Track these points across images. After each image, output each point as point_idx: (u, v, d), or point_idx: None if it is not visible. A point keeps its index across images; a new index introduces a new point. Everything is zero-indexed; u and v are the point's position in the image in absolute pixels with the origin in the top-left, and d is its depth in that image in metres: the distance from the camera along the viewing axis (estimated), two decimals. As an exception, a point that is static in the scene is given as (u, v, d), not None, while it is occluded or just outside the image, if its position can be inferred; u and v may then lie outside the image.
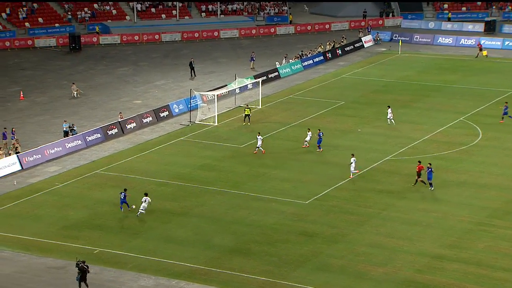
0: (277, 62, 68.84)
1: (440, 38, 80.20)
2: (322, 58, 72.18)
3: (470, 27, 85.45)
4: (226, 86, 58.02)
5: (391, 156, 45.92)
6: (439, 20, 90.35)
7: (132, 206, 38.06)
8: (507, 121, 52.46)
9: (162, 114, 54.24)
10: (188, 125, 52.94)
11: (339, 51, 74.78)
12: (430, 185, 40.16)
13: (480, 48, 73.74)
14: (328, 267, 32.63)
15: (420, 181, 40.94)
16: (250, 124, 51.54)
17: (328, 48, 74.92)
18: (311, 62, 70.71)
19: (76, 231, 36.09)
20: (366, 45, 78.89)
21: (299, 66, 69.21)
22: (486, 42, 78.39)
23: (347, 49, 76.10)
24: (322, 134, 46.59)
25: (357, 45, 77.79)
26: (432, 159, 45.20)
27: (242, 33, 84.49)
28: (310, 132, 47.08)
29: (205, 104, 55.83)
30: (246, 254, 33.83)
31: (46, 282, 31.46)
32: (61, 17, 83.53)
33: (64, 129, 49.32)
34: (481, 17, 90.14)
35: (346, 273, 32.16)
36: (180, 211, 38.31)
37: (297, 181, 42.29)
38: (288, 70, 67.72)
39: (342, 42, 77.21)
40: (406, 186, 41.29)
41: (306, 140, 47.01)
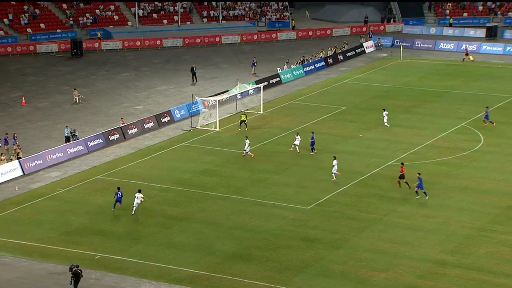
0: (278, 68, 68.91)
1: (441, 44, 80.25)
2: (323, 63, 72.25)
3: (471, 33, 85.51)
4: (228, 91, 58.10)
5: (393, 161, 45.93)
6: (441, 25, 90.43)
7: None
8: (507, 126, 52.51)
9: (163, 120, 54.31)
10: (189, 130, 52.99)
11: (341, 57, 74.86)
12: (425, 194, 39.99)
13: (466, 53, 73.96)
14: (329, 273, 32.61)
15: (404, 182, 41.19)
16: (247, 129, 51.58)
17: (329, 53, 74.99)
18: (313, 67, 70.79)
19: (77, 237, 36.10)
20: (367, 50, 78.97)
21: (301, 71, 69.28)
22: (488, 48, 78.48)
23: (349, 54, 76.17)
24: (314, 136, 46.96)
25: (358, 50, 77.86)
26: (433, 165, 45.28)
27: (244, 38, 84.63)
28: (298, 136, 47.41)
29: (206, 109, 55.89)
30: (247, 259, 33.82)
31: (48, 288, 31.49)
32: (63, 22, 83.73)
33: (65, 134, 49.38)
34: (482, 22, 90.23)
35: (348, 278, 32.14)
36: (181, 217, 38.32)
37: (298, 186, 42.30)
38: (289, 75, 67.80)
39: (344, 47, 77.29)
40: (408, 191, 41.28)
41: (295, 143, 47.24)
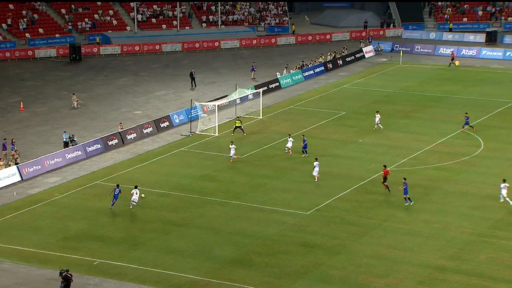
0: (278, 73, 69.00)
1: (441, 49, 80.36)
2: (323, 68, 72.34)
3: (471, 38, 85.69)
4: (227, 96, 58.14)
5: (392, 166, 45.92)
6: (440, 30, 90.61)
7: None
8: (507, 131, 52.58)
9: (162, 125, 54.33)
10: (188, 135, 53.01)
11: (340, 62, 74.96)
12: (409, 200, 39.95)
13: (452, 57, 74.15)
14: (329, 279, 32.59)
15: (384, 184, 41.55)
16: (245, 134, 51.63)
17: (329, 58, 75.09)
18: (312, 72, 70.88)
19: (76, 242, 36.07)
20: (367, 55, 79.08)
21: (300, 76, 69.36)
22: (487, 52, 78.61)
23: (348, 59, 76.28)
24: (306, 139, 47.35)
25: (358, 55, 77.97)
26: (433, 170, 45.31)
27: (243, 43, 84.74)
28: (290, 138, 47.54)
29: (205, 114, 55.93)
30: (247, 265, 33.81)
31: (46, 294, 31.45)
32: (61, 27, 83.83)
33: (64, 139, 49.37)
34: (482, 27, 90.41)
35: (347, 284, 32.11)
36: (180, 222, 38.31)
37: (298, 191, 42.30)
38: (289, 80, 67.87)
39: (343, 52, 77.40)
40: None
41: (287, 146, 47.31)
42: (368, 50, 79.91)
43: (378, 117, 52.87)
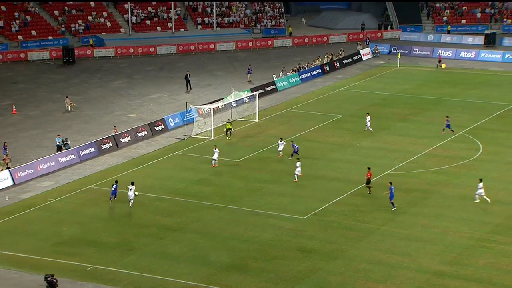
0: (274, 75, 69.03)
1: (439, 51, 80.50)
2: (320, 71, 72.43)
3: (470, 40, 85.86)
4: (223, 99, 58.14)
5: (390, 170, 45.98)
6: (438, 32, 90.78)
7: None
8: (507, 135, 52.70)
9: (157, 128, 54.30)
10: (183, 139, 52.99)
11: (337, 64, 75.06)
12: (392, 204, 40.05)
13: (439, 59, 74.30)
14: (326, 284, 32.56)
15: (368, 187, 41.83)
16: (230, 138, 51.60)
17: (326, 61, 75.18)
18: (309, 75, 70.95)
19: (69, 248, 36.00)
20: (364, 58, 79.20)
21: (297, 79, 69.42)
22: (486, 55, 78.79)
23: (345, 62, 76.38)
24: (295, 145, 47.60)
25: (355, 58, 78.08)
26: (432, 174, 45.36)
27: (239, 45, 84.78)
28: (282, 141, 47.74)
29: (201, 117, 55.92)
30: (243, 270, 33.77)
31: (39, 300, 31.37)
32: (54, 29, 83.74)
33: (57, 143, 49.31)
34: (481, 29, 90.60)
35: (345, 290, 32.11)
36: (175, 227, 38.27)
37: (294, 196, 42.30)
38: (285, 83, 67.92)
39: (340, 55, 77.50)
40: (406, 201, 41.32)
41: (280, 149, 47.56)
42: (365, 53, 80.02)
43: (368, 119, 53.02)
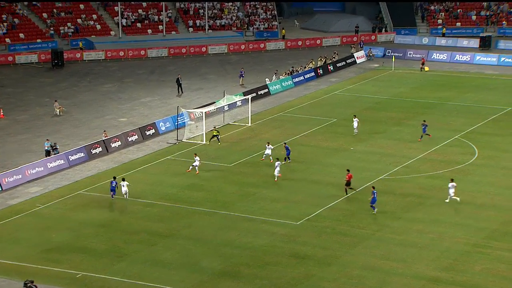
0: (267, 79, 69.13)
1: (434, 54, 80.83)
2: (313, 74, 72.56)
3: (465, 43, 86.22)
4: (215, 103, 58.20)
5: (385, 175, 46.08)
6: (433, 35, 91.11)
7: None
8: (502, 139, 52.91)
9: (148, 132, 54.27)
10: (175, 143, 52.97)
11: (331, 67, 75.23)
12: (373, 208, 40.24)
13: (422, 62, 74.51)
14: (320, 291, 32.59)
15: (350, 188, 42.27)
16: (220, 143, 51.62)
17: (319, 64, 75.35)
18: (302, 78, 71.08)
19: (58, 255, 35.90)
20: (358, 61, 79.40)
21: (290, 82, 69.53)
22: (481, 58, 79.12)
23: (339, 65, 76.57)
24: (289, 147, 47.91)
25: (349, 61, 78.28)
26: (426, 179, 45.48)
27: (231, 48, 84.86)
28: (269, 145, 47.85)
29: (192, 122, 55.93)
30: (235, 277, 33.75)
31: (27, 308, 31.23)
32: (43, 32, 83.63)
33: (46, 148, 49.20)
34: (476, 32, 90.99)
35: (339, 296, 32.14)
36: (166, 233, 38.22)
37: (288, 201, 42.33)
38: (278, 86, 68.02)
39: (334, 58, 77.68)
40: (401, 206, 41.42)
41: (268, 153, 47.64)
42: (359, 56, 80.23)
43: (356, 121, 53.12)
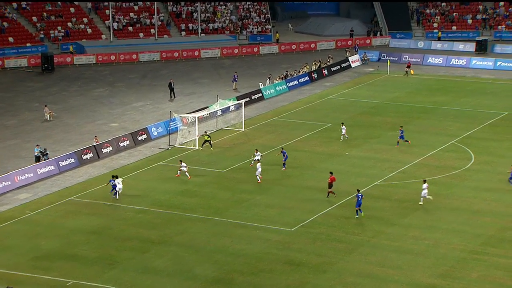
0: (260, 83, 69.23)
1: (430, 58, 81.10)
2: (307, 78, 72.70)
3: (461, 47, 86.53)
4: (208, 108, 58.25)
5: (380, 180, 46.18)
6: (429, 39, 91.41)
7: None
8: (499, 144, 53.12)
9: (140, 138, 54.26)
10: (167, 149, 52.97)
11: (325, 72, 75.39)
12: (358, 211, 40.47)
13: (408, 65, 74.74)
14: (315, 298, 32.63)
15: (330, 192, 42.67)
16: (212, 149, 51.63)
17: (313, 68, 75.49)
18: (296, 82, 71.21)
19: (48, 262, 35.83)
20: (353, 65, 79.61)
21: (284, 87, 69.64)
22: (478, 62, 79.42)
23: (334, 69, 76.74)
24: (286, 152, 48.05)
25: (344, 65, 78.48)
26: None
27: (224, 52, 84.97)
28: (258, 152, 48.01)
29: (185, 127, 55.95)
30: (228, 284, 33.74)
31: (16, 317, 31.19)
32: (32, 36, 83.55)
33: (35, 154, 49.13)
34: (472, 36, 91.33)
35: (334, 304, 32.17)
36: (159, 240, 38.20)
37: (282, 207, 42.37)
38: (272, 91, 68.12)
39: (329, 62, 77.85)
40: (396, 212, 41.50)
41: (255, 159, 47.63)
42: (354, 60, 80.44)
43: (344, 128, 53.31)
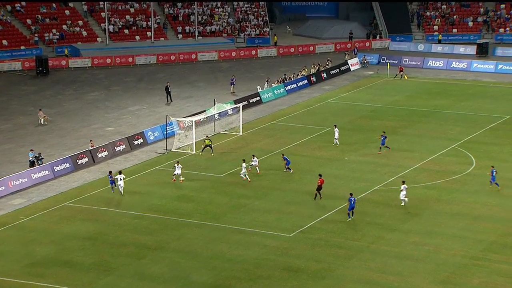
0: (258, 86, 69.29)
1: (430, 61, 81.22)
2: (306, 82, 72.78)
3: (461, 50, 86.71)
4: (205, 111, 58.29)
5: (380, 185, 46.21)
6: (429, 42, 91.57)
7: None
8: (500, 148, 53.19)
9: (136, 142, 54.27)
10: (164, 153, 52.99)
11: (324, 75, 75.48)
12: (350, 215, 40.74)
13: (400, 69, 74.81)
14: (314, 305, 32.64)
15: (316, 193, 43.18)
16: (213, 154, 51.64)
17: (312, 71, 75.59)
18: (295, 86, 71.28)
19: (42, 269, 35.81)
20: (352, 68, 79.70)
21: (282, 90, 69.72)
22: (479, 65, 79.56)
23: (333, 72, 76.83)
24: (287, 157, 48.22)
25: (343, 68, 78.57)
26: (423, 189, 45.63)
27: (222, 55, 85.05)
28: (255, 158, 48.13)
29: (182, 131, 55.96)
30: (226, 291, 33.78)
31: (10, 324, 31.16)
32: (27, 39, 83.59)
33: (30, 158, 49.11)
34: (473, 39, 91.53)
35: (333, 311, 32.19)
36: (155, 246, 38.19)
37: (280, 212, 42.38)
38: (270, 94, 68.18)
39: (327, 65, 77.96)
40: (396, 217, 41.54)
41: (254, 165, 47.80)
42: (353, 63, 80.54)
43: (337, 131, 53.21)
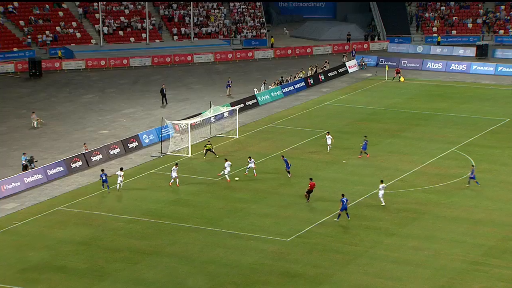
0: (255, 89, 69.36)
1: (429, 63, 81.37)
2: (303, 84, 72.87)
3: (461, 52, 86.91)
4: (201, 114, 58.32)
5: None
6: (428, 44, 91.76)
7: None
8: (500, 151, 53.29)
9: (130, 145, 54.27)
10: (159, 156, 52.99)
11: (322, 77, 75.57)
12: (339, 215, 40.95)
13: (397, 71, 74.83)
14: (311, 311, 32.66)
15: (307, 195, 43.54)
16: (218, 156, 51.67)
17: (310, 73, 75.68)
18: (292, 88, 71.37)
19: (36, 274, 35.77)
20: (350, 70, 79.82)
21: (279, 92, 69.79)
22: (478, 67, 79.73)
23: (330, 74, 76.94)
24: (287, 160, 48.21)
25: (341, 70, 78.68)
26: (422, 193, 45.70)
27: (218, 57, 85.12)
28: (251, 159, 48.19)
29: (177, 134, 55.98)
30: (222, 297, 33.79)
31: (3, 330, 31.13)
32: (20, 40, 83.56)
33: (23, 162, 49.07)
34: (472, 41, 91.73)
35: (332, 317, 32.21)
36: (150, 251, 38.19)
37: (277, 216, 42.40)
38: (267, 97, 68.25)
39: (325, 67, 78.06)
40: (395, 221, 41.59)
41: (251, 167, 47.90)
42: (351, 65, 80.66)
43: (329, 138, 53.04)
